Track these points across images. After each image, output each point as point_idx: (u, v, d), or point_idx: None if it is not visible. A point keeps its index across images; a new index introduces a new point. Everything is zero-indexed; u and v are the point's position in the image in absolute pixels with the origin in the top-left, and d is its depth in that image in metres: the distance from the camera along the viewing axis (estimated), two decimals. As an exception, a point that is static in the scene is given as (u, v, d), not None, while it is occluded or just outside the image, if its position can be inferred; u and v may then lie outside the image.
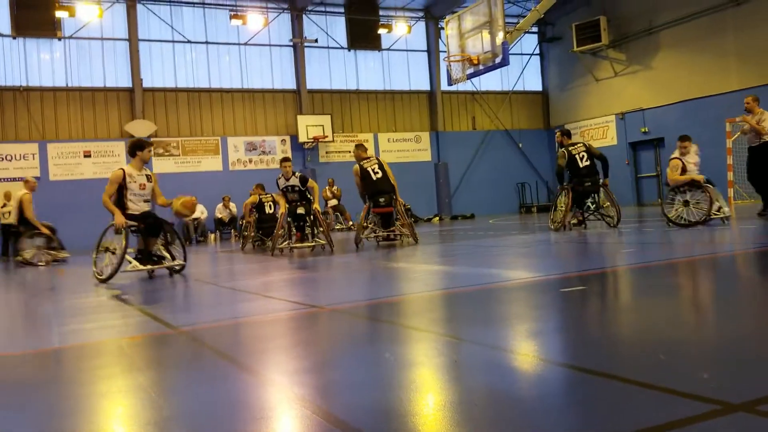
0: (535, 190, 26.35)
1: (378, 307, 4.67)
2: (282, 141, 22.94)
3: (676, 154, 10.72)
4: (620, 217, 11.44)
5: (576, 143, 12.04)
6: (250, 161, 22.44)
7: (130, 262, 7.73)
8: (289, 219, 10.90)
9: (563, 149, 11.86)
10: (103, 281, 7.59)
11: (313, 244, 10.92)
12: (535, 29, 27.09)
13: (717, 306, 3.89)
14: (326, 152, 23.39)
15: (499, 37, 16.09)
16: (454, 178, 25.37)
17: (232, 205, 20.79)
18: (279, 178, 11.20)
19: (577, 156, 11.64)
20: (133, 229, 7.95)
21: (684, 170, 10.51)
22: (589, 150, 11.78)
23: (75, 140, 20.25)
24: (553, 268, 6.35)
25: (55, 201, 19.37)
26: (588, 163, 11.66)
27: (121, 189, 7.99)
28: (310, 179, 11.42)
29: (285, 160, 11.36)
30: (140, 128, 20.68)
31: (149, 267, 7.89)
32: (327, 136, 22.74)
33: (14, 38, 19.82)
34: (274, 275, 7.68)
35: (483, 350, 2.98)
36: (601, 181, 11.69)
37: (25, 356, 3.72)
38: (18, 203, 12.96)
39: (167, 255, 8.14)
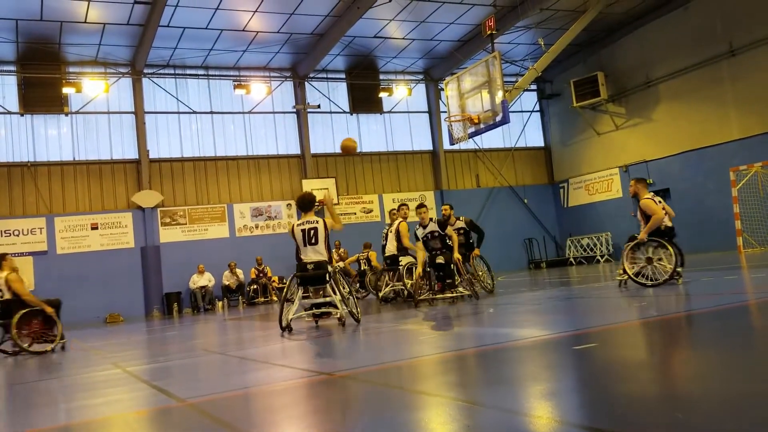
0: (543, 245, 26.27)
1: (387, 371, 4.59)
2: (288, 205, 23.06)
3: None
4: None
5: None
6: (257, 227, 22.51)
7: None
8: (428, 269, 10.57)
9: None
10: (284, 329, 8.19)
11: (454, 294, 10.43)
12: (534, 87, 27.46)
13: (732, 360, 3.81)
14: (332, 215, 23.44)
15: (499, 96, 16.33)
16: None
17: (239, 271, 20.74)
18: (417, 229, 10.80)
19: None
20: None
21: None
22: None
23: (82, 213, 20.38)
24: (564, 325, 6.26)
25: (63, 274, 19.41)
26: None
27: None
28: (449, 225, 11.06)
29: (421, 206, 10.95)
30: (147, 199, 20.85)
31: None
32: (332, 199, 22.85)
33: (22, 115, 20.19)
34: (281, 342, 7.59)
35: (496, 414, 2.91)
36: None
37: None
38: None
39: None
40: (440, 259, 10.43)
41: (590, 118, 25.19)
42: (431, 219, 10.68)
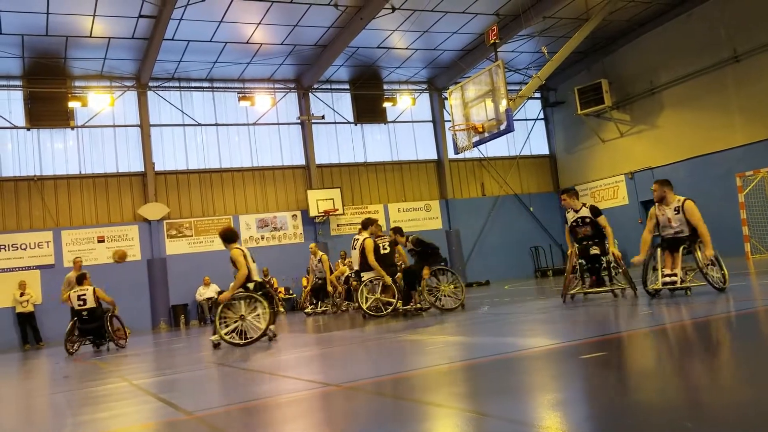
0: (549, 253, 26.19)
1: (395, 382, 4.57)
2: (293, 216, 23.07)
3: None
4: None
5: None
6: (263, 238, 22.53)
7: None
8: (581, 261, 9.60)
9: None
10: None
11: (610, 288, 9.64)
12: (537, 95, 27.48)
13: (742, 367, 3.78)
14: (337, 225, 23.46)
15: (503, 104, 16.30)
16: (466, 245, 25.30)
17: (245, 283, 20.71)
18: (567, 212, 9.91)
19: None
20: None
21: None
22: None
23: (89, 226, 20.44)
24: (571, 334, 6.23)
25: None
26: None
27: None
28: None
29: (568, 191, 10.08)
30: (153, 211, 20.90)
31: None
32: (337, 210, 22.85)
33: (28, 129, 20.29)
34: (287, 354, 7.58)
35: (505, 425, 2.89)
36: None
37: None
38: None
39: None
40: (595, 250, 9.61)
41: (595, 125, 25.16)
42: (583, 204, 9.87)
